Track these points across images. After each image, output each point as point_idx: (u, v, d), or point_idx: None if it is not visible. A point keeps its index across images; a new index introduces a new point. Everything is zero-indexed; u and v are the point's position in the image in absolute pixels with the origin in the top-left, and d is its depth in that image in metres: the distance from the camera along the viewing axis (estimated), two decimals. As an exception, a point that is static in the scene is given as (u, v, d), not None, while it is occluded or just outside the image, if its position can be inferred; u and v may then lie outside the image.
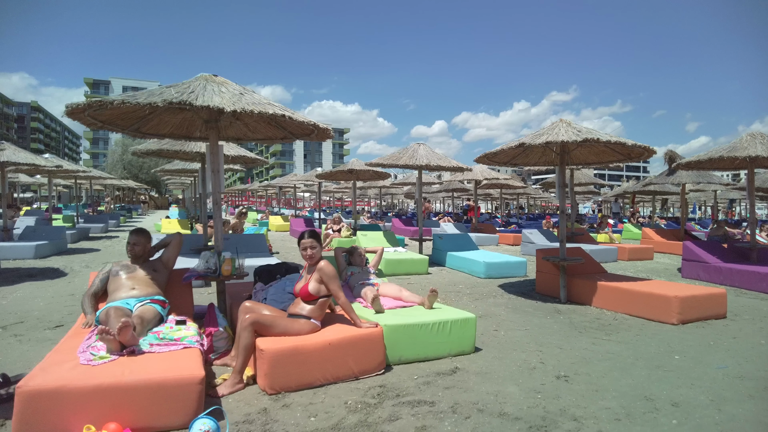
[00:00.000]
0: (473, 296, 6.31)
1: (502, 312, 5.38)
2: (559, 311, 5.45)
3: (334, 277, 3.50)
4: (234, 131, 5.35)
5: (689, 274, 7.87)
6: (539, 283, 6.59)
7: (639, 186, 15.16)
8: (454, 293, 6.50)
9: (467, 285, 7.15)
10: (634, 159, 6.27)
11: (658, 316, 4.92)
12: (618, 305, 5.37)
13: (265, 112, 3.69)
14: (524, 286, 7.08)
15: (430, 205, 26.01)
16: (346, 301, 3.49)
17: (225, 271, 4.30)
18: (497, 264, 7.85)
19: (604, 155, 6.62)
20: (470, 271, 8.17)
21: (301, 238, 3.62)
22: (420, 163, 8.83)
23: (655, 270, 8.93)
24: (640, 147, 5.44)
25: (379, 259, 5.38)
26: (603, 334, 4.44)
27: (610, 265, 9.39)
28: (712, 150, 7.61)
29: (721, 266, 7.35)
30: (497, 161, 6.93)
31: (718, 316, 5.06)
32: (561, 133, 5.41)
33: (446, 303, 5.80)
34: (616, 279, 5.85)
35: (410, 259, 8.05)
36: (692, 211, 32.65)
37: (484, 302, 5.92)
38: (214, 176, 4.47)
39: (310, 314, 3.45)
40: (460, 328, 3.78)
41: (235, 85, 4.28)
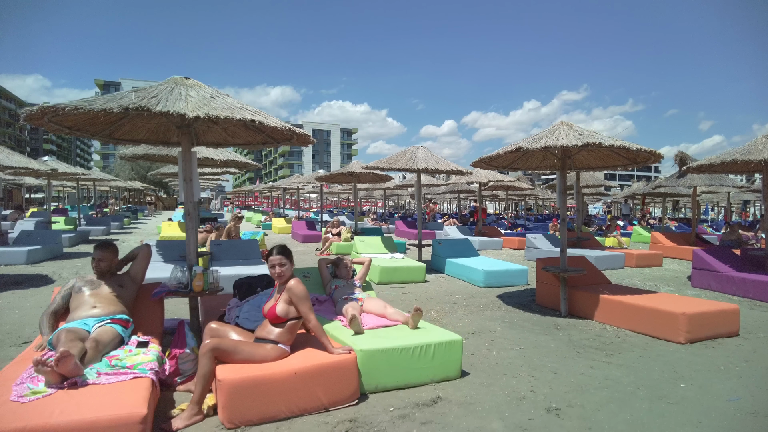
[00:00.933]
0: (469, 308, 5.99)
1: (497, 327, 5.06)
2: (559, 326, 5.11)
3: (305, 298, 3.21)
4: (213, 136, 5.09)
5: (699, 283, 7.48)
6: (539, 294, 6.25)
7: (648, 188, 14.71)
8: (450, 305, 6.19)
9: (464, 295, 6.83)
10: (641, 163, 5.91)
11: (665, 334, 4.57)
12: (621, 321, 5.02)
13: (232, 117, 3.41)
14: (524, 296, 6.74)
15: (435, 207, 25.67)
16: (317, 325, 3.21)
17: (196, 287, 4.03)
18: (497, 272, 7.52)
19: (609, 159, 6.26)
20: (469, 280, 7.84)
21: (269, 254, 3.34)
22: (418, 167, 8.52)
23: (663, 278, 8.53)
24: (646, 151, 5.08)
25: (367, 271, 5.08)
26: (603, 355, 4.11)
27: (617, 272, 9.02)
28: (725, 153, 7.21)
29: (733, 276, 6.95)
30: (496, 165, 6.60)
31: (730, 334, 4.70)
32: (561, 136, 5.08)
33: (439, 316, 5.53)
34: (621, 291, 5.50)
35: (406, 267, 7.75)
36: (704, 213, 31.91)
37: (480, 315, 5.60)
38: (186, 185, 4.21)
39: (278, 338, 3.17)
40: (445, 352, 3.47)
41: (208, 88, 4.01)
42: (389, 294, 6.82)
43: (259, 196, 44.55)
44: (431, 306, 6.09)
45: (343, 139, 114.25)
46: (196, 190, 4.30)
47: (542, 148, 4.94)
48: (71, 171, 13.50)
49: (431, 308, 5.97)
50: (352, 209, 33.75)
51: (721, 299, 6.65)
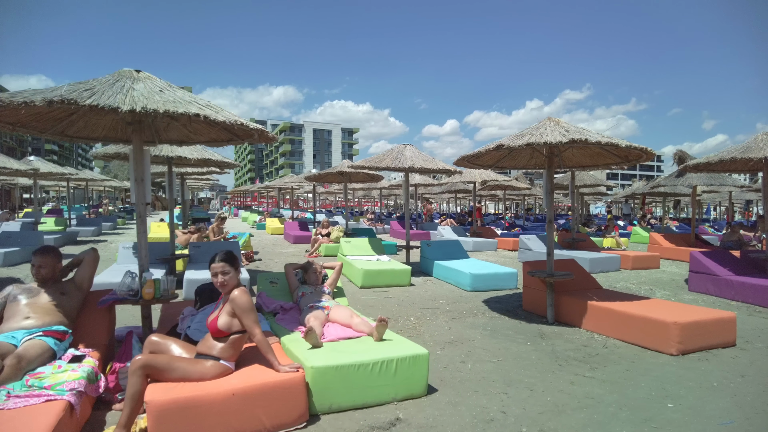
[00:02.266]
0: (451, 314, 5.68)
1: (478, 336, 4.75)
2: (543, 335, 4.80)
3: (249, 310, 2.91)
4: (176, 134, 4.81)
5: (697, 287, 7.14)
6: (526, 299, 5.94)
7: (647, 188, 14.36)
8: (432, 310, 5.87)
9: (449, 300, 6.51)
10: (633, 162, 5.59)
11: (655, 344, 4.25)
12: (610, 329, 4.70)
13: (174, 111, 3.11)
14: (512, 301, 6.42)
15: (431, 207, 25.35)
16: (262, 340, 2.90)
17: (146, 295, 3.74)
18: (485, 276, 7.20)
19: (600, 158, 5.93)
20: (456, 283, 7.53)
21: (211, 261, 3.04)
22: (404, 165, 8.21)
23: (660, 281, 8.20)
24: (637, 149, 4.76)
25: (338, 277, 4.78)
26: (587, 369, 3.79)
27: (612, 275, 8.69)
28: (724, 151, 6.88)
29: (732, 279, 6.61)
30: (481, 164, 6.29)
31: (725, 345, 4.37)
32: (546, 133, 4.76)
33: (419, 323, 5.22)
34: (611, 298, 5.17)
35: (391, 270, 7.44)
36: (707, 212, 31.46)
37: (461, 323, 5.29)
38: (138, 186, 3.91)
39: (220, 354, 2.87)
40: (409, 368, 3.16)
41: (159, 81, 3.72)
42: (371, 299, 6.52)
43: (259, 196, 44.31)
44: (412, 312, 5.79)
45: (344, 138, 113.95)
46: (148, 192, 4.01)
47: (524, 145, 4.62)
48: (57, 171, 13.22)
49: (412, 314, 5.66)
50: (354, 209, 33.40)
51: (719, 304, 6.32)
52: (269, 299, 4.51)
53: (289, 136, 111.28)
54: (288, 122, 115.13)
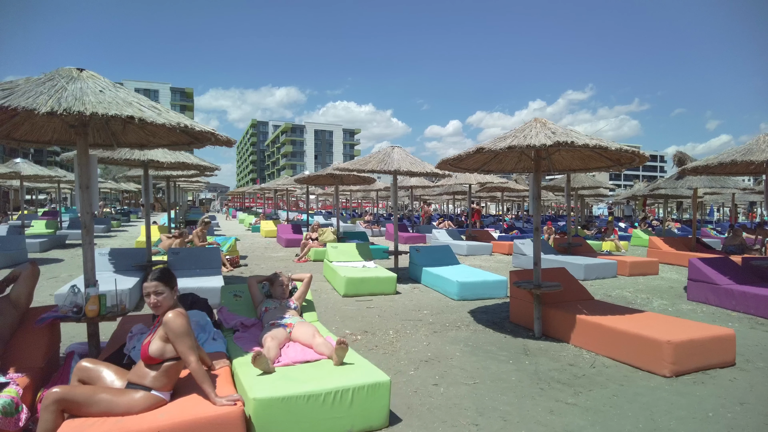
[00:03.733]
0: (433, 327, 5.36)
1: (457, 353, 4.42)
2: (528, 351, 4.47)
3: (183, 334, 2.60)
4: (134, 137, 4.50)
5: (696, 296, 6.79)
6: (513, 311, 5.61)
7: (646, 190, 13.99)
8: (413, 322, 5.55)
9: (434, 310, 6.19)
10: (625, 165, 5.26)
11: (647, 364, 3.91)
12: (600, 346, 4.37)
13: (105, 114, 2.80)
14: (499, 312, 6.09)
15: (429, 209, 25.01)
16: (198, 368, 2.59)
17: (89, 312, 3.43)
18: (473, 284, 6.87)
19: (591, 161, 5.60)
20: (444, 291, 7.21)
21: (144, 279, 2.73)
22: (391, 168, 7.88)
23: (658, 289, 7.85)
24: (627, 152, 4.42)
25: (306, 290, 4.46)
26: (570, 393, 3.46)
27: (608, 282, 8.34)
28: (724, 153, 6.54)
29: (733, 289, 6.26)
30: (465, 167, 5.96)
31: (724, 364, 4.03)
32: (531, 135, 4.44)
33: (397, 337, 4.90)
34: (602, 311, 4.84)
35: (375, 278, 7.11)
36: (709, 214, 30.99)
37: (442, 337, 4.96)
38: (83, 193, 3.60)
39: (153, 384, 2.56)
40: (367, 397, 2.84)
41: (103, 81, 3.41)
42: (352, 309, 6.21)
43: (261, 197, 44.01)
44: (393, 324, 5.47)
45: (345, 139, 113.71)
46: (95, 200, 3.70)
47: (506, 148, 4.29)
48: (43, 173, 12.96)
49: (392, 327, 5.34)
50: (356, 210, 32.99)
51: (719, 315, 5.98)
52: (230, 314, 4.20)
53: (291, 137, 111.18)
54: (290, 123, 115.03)
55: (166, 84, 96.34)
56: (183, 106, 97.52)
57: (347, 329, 5.27)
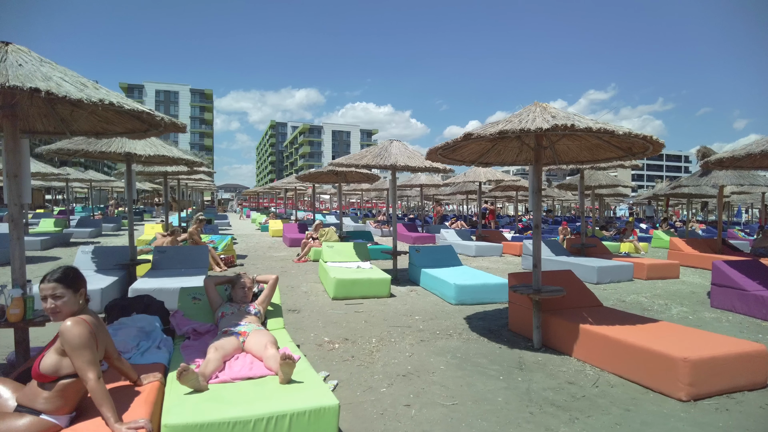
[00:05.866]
0: (422, 335, 4.84)
1: (442, 366, 3.90)
2: (523, 365, 3.92)
3: (79, 347, 2.15)
4: (86, 124, 4.10)
5: (721, 303, 6.12)
6: (512, 317, 5.06)
7: (667, 188, 13.18)
8: (402, 329, 5.05)
9: (427, 316, 5.67)
10: (638, 155, 4.66)
11: (659, 385, 3.34)
12: (605, 361, 3.80)
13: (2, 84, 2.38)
14: (498, 318, 5.54)
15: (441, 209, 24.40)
16: (97, 388, 2.14)
17: (11, 317, 3.03)
18: (472, 287, 6.32)
19: (600, 151, 5.01)
20: (441, 295, 6.68)
21: (42, 280, 2.30)
22: (387, 163, 7.38)
23: (677, 294, 7.17)
24: (639, 137, 3.84)
25: (271, 293, 3.99)
26: (564, 420, 2.92)
27: (623, 286, 7.69)
28: (753, 143, 5.86)
29: (764, 295, 5.59)
30: (459, 159, 5.42)
31: (753, 386, 3.42)
32: (527, 119, 3.89)
33: (379, 346, 4.40)
34: (610, 320, 4.25)
35: (368, 280, 6.62)
36: (737, 215, 29.56)
37: (429, 346, 4.45)
38: (10, 182, 3.20)
39: (45, 406, 2.13)
40: (309, 426, 2.36)
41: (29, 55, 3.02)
42: (337, 313, 5.73)
43: (277, 197, 43.84)
44: (378, 330, 4.97)
45: (363, 140, 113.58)
46: (27, 190, 3.30)
47: (497, 133, 3.76)
48: (45, 171, 12.83)
49: (376, 334, 4.85)
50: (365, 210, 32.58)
51: (747, 326, 5.32)
52: (184, 319, 3.77)
53: (309, 137, 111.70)
54: (308, 124, 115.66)
55: (185, 85, 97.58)
56: (202, 107, 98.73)
57: (326, 336, 4.79)
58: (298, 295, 6.76)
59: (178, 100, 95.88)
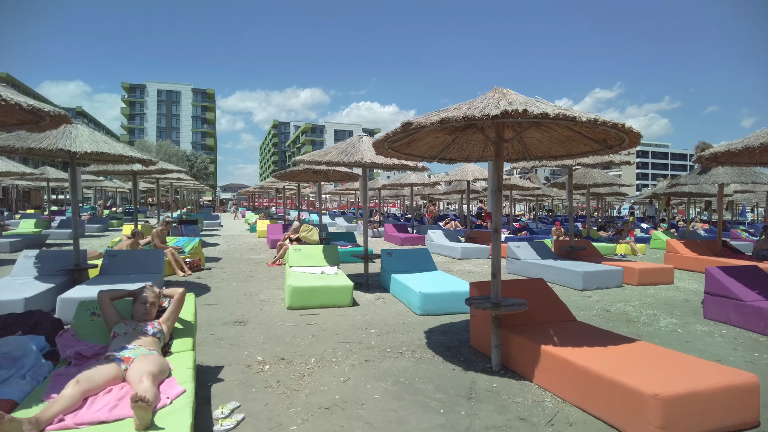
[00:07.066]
0: (370, 353, 4.27)
1: (377, 395, 3.33)
2: (473, 394, 3.35)
3: None
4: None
5: (714, 314, 5.51)
6: (474, 333, 4.47)
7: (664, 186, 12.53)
8: (350, 345, 4.48)
9: (385, 329, 5.09)
10: (615, 148, 4.06)
11: (626, 424, 2.75)
12: (567, 390, 3.21)
13: None
14: (463, 332, 4.96)
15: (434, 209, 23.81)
16: None
17: None
18: (439, 296, 5.74)
19: (573, 144, 4.41)
20: (408, 304, 6.11)
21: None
22: (353, 160, 6.80)
23: (669, 303, 6.55)
24: (608, 125, 3.23)
25: (177, 308, 3.43)
26: (501, 475, 2.34)
27: (612, 293, 7.07)
28: (752, 136, 5.25)
29: (761, 307, 4.98)
30: (416, 154, 4.83)
31: (741, 427, 2.82)
32: (479, 107, 3.31)
33: (317, 367, 3.81)
34: (579, 339, 3.66)
35: (326, 287, 6.05)
36: (741, 214, 28.72)
37: (372, 368, 3.87)
38: None
39: None
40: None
41: None
42: (288, 325, 5.17)
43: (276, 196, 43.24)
44: (323, 347, 4.40)
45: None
46: None
47: (438, 122, 3.18)
48: (16, 171, 12.35)
49: (318, 352, 4.28)
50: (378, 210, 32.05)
51: (743, 341, 4.71)
52: (71, 340, 3.21)
53: (311, 137, 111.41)
54: (310, 123, 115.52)
55: (187, 85, 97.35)
56: (204, 107, 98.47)
57: (261, 355, 4.23)
58: (253, 305, 6.20)
59: (180, 100, 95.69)
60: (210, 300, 6.49)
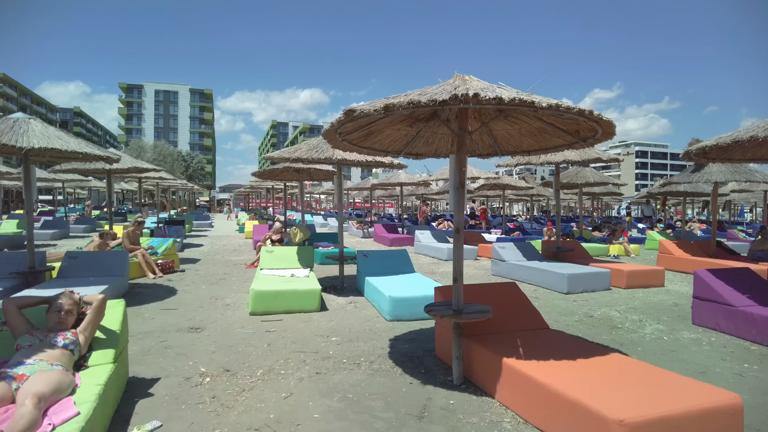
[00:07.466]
0: (324, 365, 3.92)
1: (317, 414, 2.98)
2: (426, 412, 2.99)
3: None
4: None
5: (703, 320, 5.15)
6: (439, 342, 4.12)
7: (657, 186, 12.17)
8: (305, 355, 4.13)
9: (348, 336, 4.74)
10: (590, 141, 3.71)
11: (589, 453, 2.40)
12: (529, 410, 2.86)
13: None
14: (431, 339, 4.61)
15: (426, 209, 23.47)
16: None
17: None
18: (410, 300, 5.39)
19: (544, 137, 4.05)
20: (379, 308, 5.76)
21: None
22: (322, 156, 6.45)
23: (657, 307, 6.20)
24: (573, 112, 2.88)
25: (96, 317, 3.08)
26: None
27: (597, 296, 6.72)
28: (741, 129, 4.90)
29: (753, 312, 4.62)
30: (378, 148, 4.48)
31: (721, 454, 2.47)
32: (431, 93, 2.96)
33: (262, 380, 3.45)
34: (548, 351, 3.31)
35: (292, 291, 5.70)
36: (740, 214, 28.34)
37: (322, 382, 3.52)
38: None
39: None
40: None
41: None
42: (246, 333, 4.82)
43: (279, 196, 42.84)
44: (273, 359, 4.05)
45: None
46: None
47: (382, 109, 2.83)
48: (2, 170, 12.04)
49: (267, 364, 3.92)
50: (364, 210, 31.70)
51: (733, 349, 4.36)
52: (-29, 355, 2.86)
53: (309, 137, 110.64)
54: (308, 124, 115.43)
55: (185, 85, 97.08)
56: (202, 107, 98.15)
57: (206, 366, 3.88)
58: (215, 309, 5.85)
59: (178, 100, 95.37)
60: (172, 304, 6.14)
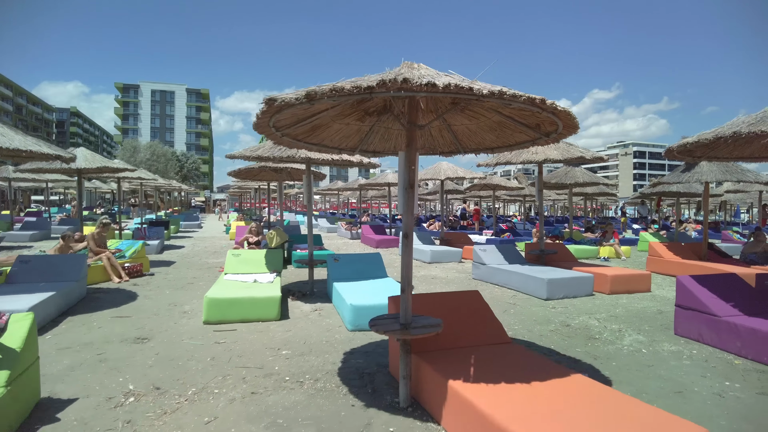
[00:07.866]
0: (263, 383, 3.56)
1: (234, 446, 2.62)
2: (359, 444, 2.64)
3: None
4: None
5: (685, 330, 4.80)
6: (393, 357, 3.76)
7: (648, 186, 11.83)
8: (247, 371, 3.77)
9: (300, 349, 4.38)
10: (553, 135, 3.35)
11: (530, 499, 2.04)
12: (473, 442, 2.51)
13: None
14: (386, 354, 4.25)
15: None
16: None
17: None
18: (371, 308, 5.01)
19: (505, 132, 3.69)
20: (342, 317, 5.41)
21: None
22: (284, 155, 6.10)
23: (640, 315, 5.85)
24: (520, 100, 2.52)
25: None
26: None
27: (579, 303, 6.36)
28: (725, 125, 4.55)
29: (737, 323, 4.27)
30: (328, 145, 4.12)
31: (685, 499, 2.12)
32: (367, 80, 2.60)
33: (190, 402, 3.07)
34: (501, 371, 2.96)
35: (249, 299, 5.33)
36: (736, 215, 27.97)
37: (253, 404, 3.16)
38: None
39: None
40: None
41: None
42: (193, 345, 4.47)
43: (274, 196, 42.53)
44: (211, 376, 3.69)
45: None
46: None
47: (303, 97, 2.47)
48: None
49: (201, 381, 3.57)
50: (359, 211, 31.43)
51: (715, 363, 4.01)
52: None
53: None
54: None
55: (182, 85, 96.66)
56: (198, 107, 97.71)
57: (135, 383, 3.52)
58: (170, 317, 5.50)
59: (174, 100, 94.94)
60: (127, 311, 5.78)
